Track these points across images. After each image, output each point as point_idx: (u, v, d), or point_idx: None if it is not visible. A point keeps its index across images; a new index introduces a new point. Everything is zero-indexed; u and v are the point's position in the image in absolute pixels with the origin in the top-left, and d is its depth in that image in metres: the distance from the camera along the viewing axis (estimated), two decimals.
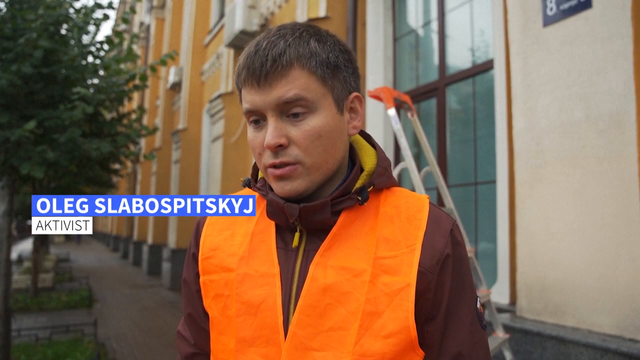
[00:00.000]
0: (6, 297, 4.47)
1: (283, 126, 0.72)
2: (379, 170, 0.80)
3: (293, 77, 0.70)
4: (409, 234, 0.75)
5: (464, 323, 0.75)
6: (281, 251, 0.78)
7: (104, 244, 30.57)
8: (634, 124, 2.38)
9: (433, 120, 4.68)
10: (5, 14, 4.39)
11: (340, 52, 0.76)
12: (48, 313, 7.76)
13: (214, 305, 0.81)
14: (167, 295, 9.70)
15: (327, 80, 0.73)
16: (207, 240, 0.85)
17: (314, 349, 0.71)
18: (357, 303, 0.71)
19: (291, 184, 0.73)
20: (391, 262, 0.73)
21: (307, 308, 0.73)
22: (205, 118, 10.72)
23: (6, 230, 4.72)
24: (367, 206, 0.78)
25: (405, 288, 0.72)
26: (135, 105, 15.62)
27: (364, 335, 0.70)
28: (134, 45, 14.53)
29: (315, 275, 0.73)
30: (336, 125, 0.75)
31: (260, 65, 0.70)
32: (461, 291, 0.76)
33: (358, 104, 0.80)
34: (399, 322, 0.71)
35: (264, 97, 0.71)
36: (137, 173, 17.22)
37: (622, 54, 2.44)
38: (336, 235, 0.75)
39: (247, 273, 0.78)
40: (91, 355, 4.91)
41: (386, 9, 5.31)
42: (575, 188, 2.64)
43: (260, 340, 0.75)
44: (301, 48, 0.71)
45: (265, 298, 0.75)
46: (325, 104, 0.73)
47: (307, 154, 0.72)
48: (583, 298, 2.57)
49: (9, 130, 4.11)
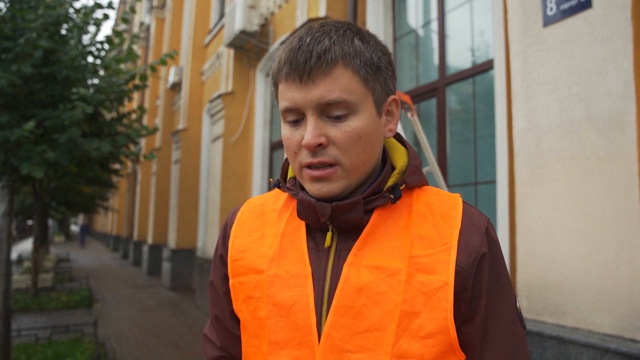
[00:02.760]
0: (6, 297, 4.46)
1: (323, 125, 0.71)
2: (411, 168, 0.79)
3: (336, 75, 0.69)
4: (443, 232, 0.74)
5: (505, 324, 0.73)
6: (312, 251, 0.76)
7: (104, 244, 30.57)
8: (634, 124, 2.38)
9: (433, 120, 4.68)
10: (5, 14, 4.38)
11: (382, 53, 0.75)
12: (48, 313, 7.76)
13: (244, 307, 0.80)
14: (167, 295, 9.69)
15: (369, 82, 0.72)
16: (236, 242, 0.84)
17: (350, 350, 0.70)
18: (393, 303, 0.70)
19: (329, 186, 0.72)
20: (427, 261, 0.72)
21: (342, 309, 0.71)
22: (205, 118, 10.72)
23: (6, 230, 4.72)
24: (400, 204, 0.77)
25: (443, 287, 0.70)
26: (135, 105, 15.65)
27: (402, 336, 0.69)
28: (134, 45, 14.53)
29: (349, 276, 0.72)
30: (375, 128, 0.74)
31: (305, 61, 0.69)
32: (499, 291, 0.74)
33: (395, 107, 0.79)
34: (437, 322, 0.69)
35: (306, 95, 0.69)
36: (137, 173, 17.22)
37: (622, 54, 2.44)
38: (369, 234, 0.74)
39: (277, 274, 0.76)
40: (91, 355, 4.91)
41: (386, 9, 5.30)
42: (575, 188, 2.64)
43: (293, 343, 0.73)
44: (346, 46, 0.70)
45: (298, 299, 0.73)
46: (366, 106, 0.72)
47: (345, 155, 0.71)
48: (583, 298, 2.57)
49: (9, 130, 4.11)
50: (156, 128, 6.37)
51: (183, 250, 10.63)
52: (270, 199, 0.88)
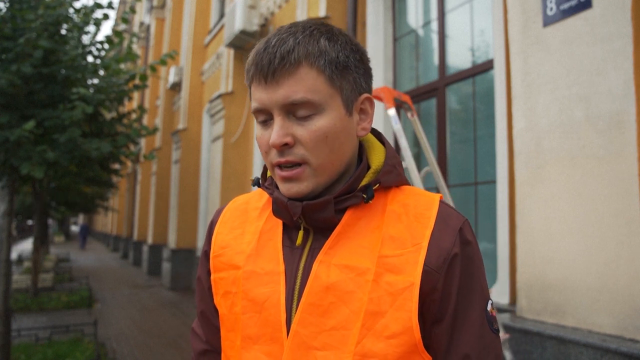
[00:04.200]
0: (6, 297, 4.46)
1: (289, 125, 0.71)
2: (387, 168, 0.78)
3: (300, 76, 0.69)
4: (416, 233, 0.73)
5: (472, 326, 0.72)
6: (287, 249, 0.77)
7: (104, 244, 30.56)
8: (634, 124, 2.38)
9: (433, 120, 4.68)
10: (5, 14, 4.38)
11: (351, 51, 0.74)
12: (48, 313, 7.76)
13: (222, 302, 0.82)
14: (167, 295, 9.69)
15: (335, 81, 0.72)
16: (219, 239, 0.85)
17: (316, 347, 0.71)
18: (360, 302, 0.70)
19: (298, 186, 0.73)
20: (396, 261, 0.71)
21: (310, 306, 0.72)
22: (205, 118, 10.72)
23: (6, 230, 4.72)
24: (374, 204, 0.77)
25: (409, 287, 0.70)
26: (135, 105, 15.63)
27: (366, 335, 0.69)
28: (134, 45, 14.53)
29: (318, 274, 0.73)
30: (344, 127, 0.74)
31: (268, 62, 0.70)
32: (470, 292, 0.73)
33: (368, 106, 0.78)
34: (402, 322, 0.69)
35: (271, 95, 0.70)
36: (137, 173, 17.22)
37: (622, 54, 2.44)
38: (341, 233, 0.74)
39: (253, 271, 0.78)
40: (91, 355, 4.91)
41: (386, 9, 5.30)
42: (575, 188, 2.64)
43: (264, 338, 0.75)
44: (310, 46, 0.70)
45: (270, 296, 0.75)
46: (333, 105, 0.72)
47: (312, 154, 0.71)
48: (583, 298, 2.57)
49: (9, 130, 4.11)
50: (156, 128, 6.37)
51: (183, 250, 10.63)
52: (254, 197, 0.89)
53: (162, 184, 13.06)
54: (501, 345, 0.81)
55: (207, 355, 0.89)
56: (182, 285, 10.57)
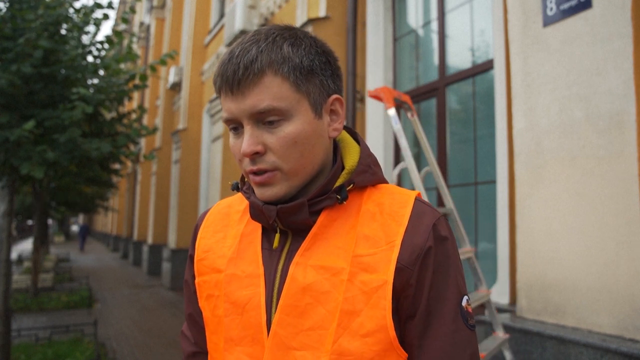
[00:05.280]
0: (6, 297, 4.47)
1: (259, 133, 0.72)
2: (361, 167, 0.79)
3: (265, 84, 0.70)
4: (389, 231, 0.74)
5: (444, 322, 0.72)
6: (266, 252, 0.79)
7: (104, 244, 30.57)
8: (634, 124, 2.38)
9: (433, 120, 4.68)
10: (5, 14, 4.38)
11: (316, 54, 0.74)
12: (48, 313, 7.76)
13: (206, 305, 0.84)
14: (167, 295, 9.70)
15: (301, 86, 0.72)
16: (202, 243, 0.87)
17: (294, 347, 0.72)
18: (335, 302, 0.71)
19: (271, 190, 0.74)
20: (370, 260, 0.72)
21: (288, 307, 0.73)
22: (205, 118, 10.72)
23: (6, 230, 4.72)
24: (349, 204, 0.77)
25: (383, 286, 0.70)
26: (135, 105, 15.64)
27: (342, 334, 0.70)
28: (134, 45, 14.53)
29: (295, 275, 0.74)
30: (313, 130, 0.74)
31: (233, 73, 0.70)
32: (443, 288, 0.73)
33: (339, 106, 0.78)
34: (376, 320, 0.70)
35: (239, 105, 0.71)
36: (137, 173, 17.22)
37: (622, 54, 2.44)
38: (316, 234, 0.75)
39: (234, 274, 0.79)
40: (91, 355, 4.92)
41: (386, 9, 5.30)
42: (575, 188, 2.64)
43: (246, 340, 0.76)
44: (273, 54, 0.71)
45: (251, 298, 0.76)
46: (300, 110, 0.72)
47: (283, 160, 0.72)
48: (583, 298, 2.57)
49: (8, 130, 4.11)
50: (156, 128, 6.36)
51: (183, 250, 10.63)
52: (236, 201, 0.91)
53: (162, 184, 13.07)
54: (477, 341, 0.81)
55: (196, 357, 0.91)
56: (182, 285, 10.55)
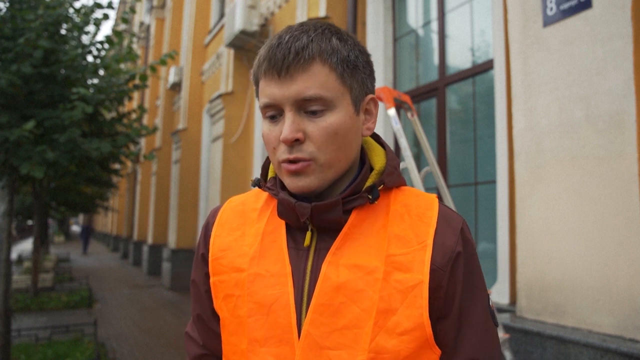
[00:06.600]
0: (6, 297, 4.46)
1: (300, 121, 0.72)
2: (389, 169, 0.80)
3: (314, 72, 0.71)
4: (419, 231, 0.76)
5: (478, 322, 0.75)
6: (292, 251, 0.78)
7: (104, 244, 30.56)
8: (634, 124, 2.38)
9: (433, 120, 4.68)
10: (5, 14, 4.38)
11: (360, 52, 0.77)
12: (48, 313, 7.76)
13: (224, 305, 0.81)
14: (167, 295, 9.70)
15: (346, 79, 0.74)
16: (217, 241, 0.85)
17: (328, 347, 0.72)
18: (370, 301, 0.72)
19: (304, 180, 0.74)
20: (403, 259, 0.73)
21: (321, 307, 0.73)
22: (205, 118, 10.72)
23: (6, 230, 4.72)
24: (378, 205, 0.79)
25: (419, 285, 0.72)
26: (135, 105, 15.65)
27: (379, 332, 0.71)
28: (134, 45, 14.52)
29: (327, 274, 0.74)
30: (352, 125, 0.75)
31: (283, 57, 0.71)
32: (473, 289, 0.76)
33: (373, 106, 0.81)
34: (413, 319, 0.71)
35: (284, 91, 0.71)
36: (137, 173, 17.22)
37: (622, 54, 2.44)
38: (348, 234, 0.76)
39: (258, 273, 0.78)
40: (91, 355, 4.91)
41: (386, 9, 5.30)
42: (575, 188, 2.64)
43: (272, 341, 0.75)
44: (323, 44, 0.72)
45: (278, 298, 0.75)
46: (343, 103, 0.74)
47: (321, 151, 0.73)
48: (583, 298, 2.57)
49: (8, 130, 4.11)
50: (156, 128, 6.36)
51: (183, 250, 10.63)
52: (250, 198, 0.89)
53: (162, 184, 13.07)
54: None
55: (203, 359, 0.89)
56: (182, 285, 10.57)
